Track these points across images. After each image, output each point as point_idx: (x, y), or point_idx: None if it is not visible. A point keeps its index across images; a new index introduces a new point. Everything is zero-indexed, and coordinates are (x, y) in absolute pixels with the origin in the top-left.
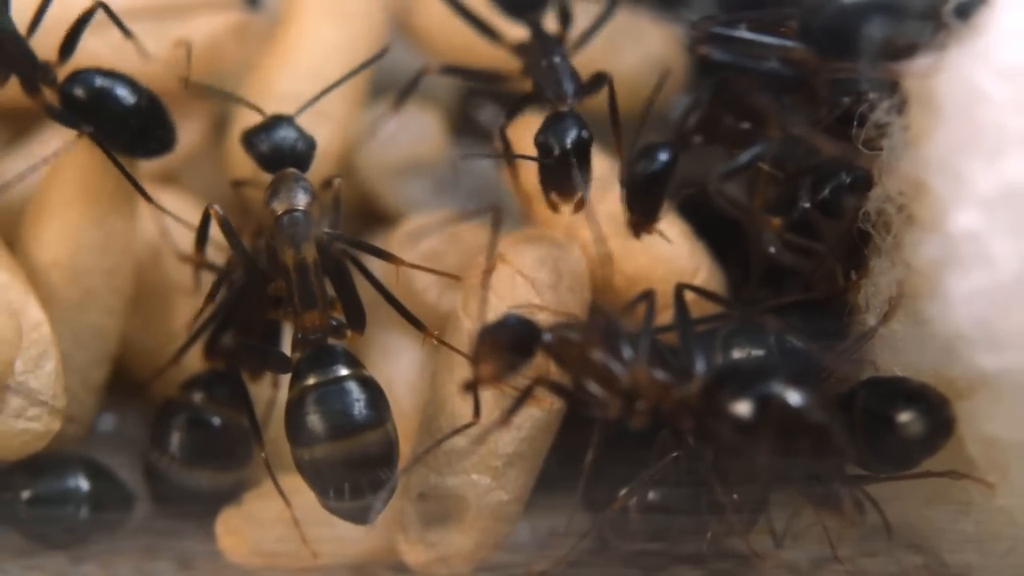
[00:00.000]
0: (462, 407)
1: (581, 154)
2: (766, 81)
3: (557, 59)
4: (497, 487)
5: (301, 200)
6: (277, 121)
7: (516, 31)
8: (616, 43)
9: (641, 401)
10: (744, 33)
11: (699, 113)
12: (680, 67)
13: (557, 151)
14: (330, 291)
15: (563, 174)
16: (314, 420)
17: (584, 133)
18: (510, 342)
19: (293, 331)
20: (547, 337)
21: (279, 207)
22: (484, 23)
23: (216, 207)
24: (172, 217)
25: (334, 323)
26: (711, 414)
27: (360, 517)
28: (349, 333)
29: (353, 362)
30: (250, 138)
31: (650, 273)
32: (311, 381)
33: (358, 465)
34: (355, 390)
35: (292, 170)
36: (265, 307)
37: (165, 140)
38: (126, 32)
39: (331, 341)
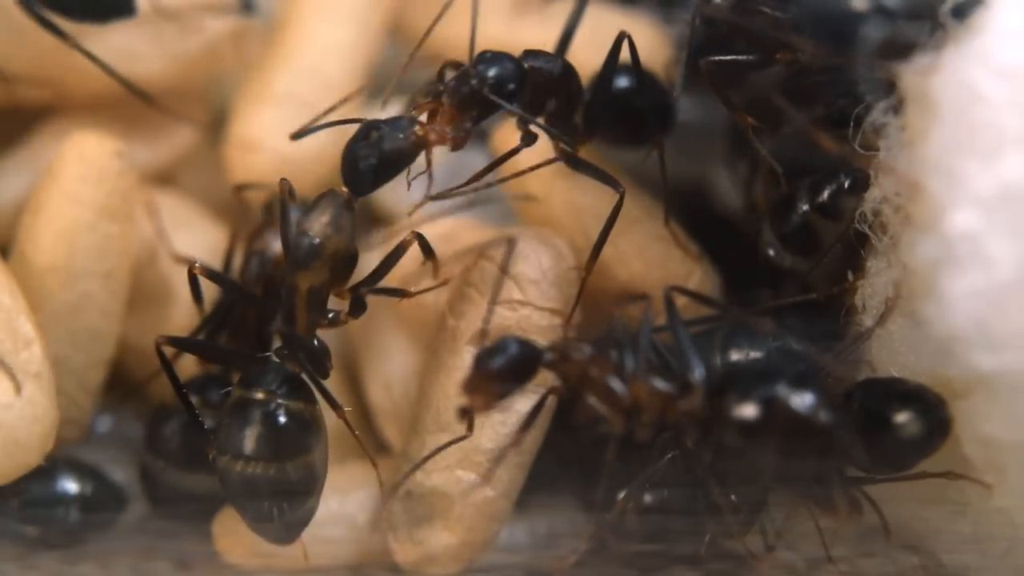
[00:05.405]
0: (448, 406)
1: None
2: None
3: None
4: (483, 483)
5: (323, 228)
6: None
7: None
8: (604, 44)
9: (646, 414)
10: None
11: None
12: (669, 66)
13: None
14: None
15: None
16: (237, 431)
17: None
18: (512, 371)
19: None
20: (548, 356)
21: (302, 224)
22: None
23: (198, 265)
24: None
25: (316, 343)
26: (716, 422)
27: (275, 538)
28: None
29: (301, 395)
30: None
31: (644, 278)
32: (254, 394)
33: (264, 490)
34: (286, 420)
35: (338, 192)
36: (253, 325)
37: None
38: None
39: (294, 365)
